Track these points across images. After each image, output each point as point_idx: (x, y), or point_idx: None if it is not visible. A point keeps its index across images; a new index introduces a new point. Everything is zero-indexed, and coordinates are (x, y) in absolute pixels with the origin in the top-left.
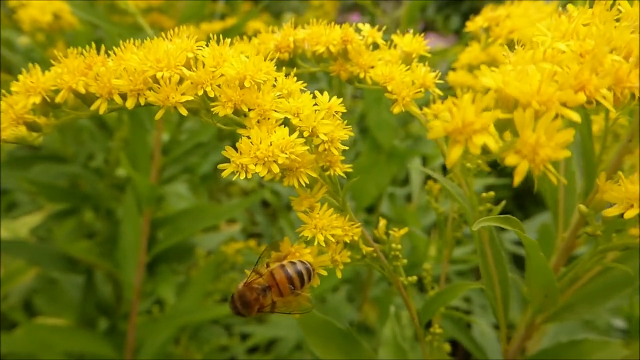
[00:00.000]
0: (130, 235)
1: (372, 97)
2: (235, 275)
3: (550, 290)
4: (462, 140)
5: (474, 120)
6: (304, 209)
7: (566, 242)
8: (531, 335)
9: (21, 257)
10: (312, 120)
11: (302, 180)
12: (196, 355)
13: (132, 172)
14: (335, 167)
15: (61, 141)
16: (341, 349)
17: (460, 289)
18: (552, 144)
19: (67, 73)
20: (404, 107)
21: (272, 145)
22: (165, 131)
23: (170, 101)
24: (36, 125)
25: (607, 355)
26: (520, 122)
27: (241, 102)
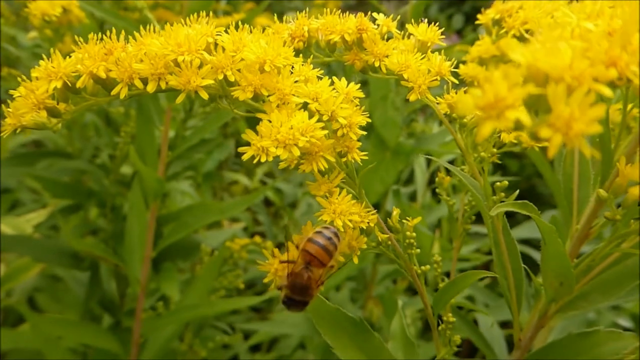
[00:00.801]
0: (137, 230)
1: (378, 95)
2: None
3: (566, 278)
4: (495, 115)
5: (507, 95)
6: (323, 194)
7: (579, 232)
8: (544, 324)
9: (25, 253)
10: (331, 105)
11: (320, 165)
12: (201, 352)
13: (140, 165)
14: (352, 153)
15: (67, 137)
16: (352, 338)
17: (472, 277)
18: (586, 119)
19: (88, 58)
20: (420, 95)
21: (293, 128)
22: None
23: (192, 85)
24: (56, 111)
25: (619, 346)
26: (553, 96)
27: (261, 87)
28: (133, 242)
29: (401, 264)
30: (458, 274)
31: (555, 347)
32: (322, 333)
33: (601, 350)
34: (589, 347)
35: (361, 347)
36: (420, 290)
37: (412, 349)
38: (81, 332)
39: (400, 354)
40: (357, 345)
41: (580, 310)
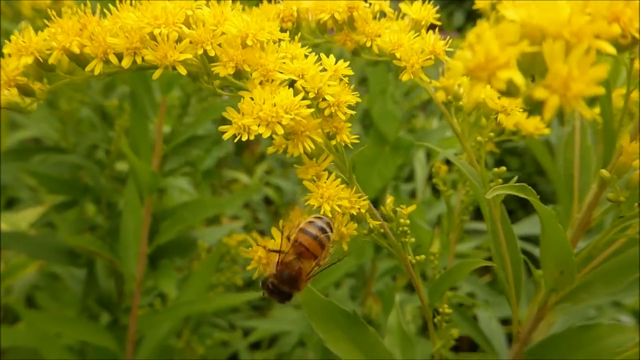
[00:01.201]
0: (132, 226)
1: (376, 89)
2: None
3: (567, 266)
4: (485, 77)
5: (498, 54)
6: (310, 177)
7: (580, 220)
8: (543, 316)
9: (22, 250)
10: (318, 82)
11: (307, 146)
12: (198, 349)
13: (133, 159)
14: (342, 134)
15: (61, 131)
16: (346, 332)
17: (468, 266)
18: (586, 79)
19: (60, 33)
20: (413, 75)
21: (276, 105)
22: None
23: (169, 59)
24: (29, 90)
25: (621, 339)
26: (550, 54)
27: (243, 62)
28: (128, 238)
29: (394, 252)
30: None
31: (556, 340)
32: (314, 326)
33: (603, 343)
34: (590, 340)
35: (355, 340)
36: (415, 282)
37: (409, 343)
38: (78, 329)
39: (397, 349)
40: (351, 339)
41: (581, 302)
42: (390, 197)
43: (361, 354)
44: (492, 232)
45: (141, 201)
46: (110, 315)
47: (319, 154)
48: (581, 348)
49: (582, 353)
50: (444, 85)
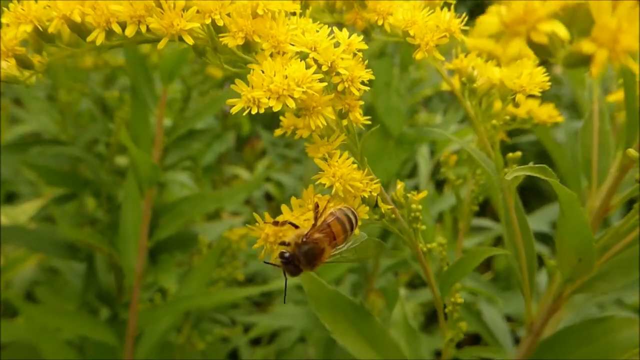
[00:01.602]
0: (131, 219)
1: (381, 82)
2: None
3: (586, 253)
4: (524, 30)
5: (539, 7)
6: (321, 155)
7: (599, 207)
8: (559, 307)
9: (21, 243)
10: (331, 54)
11: (319, 122)
12: (199, 344)
13: (133, 149)
14: (355, 112)
15: (61, 123)
16: (352, 323)
17: (481, 255)
18: (635, 31)
19: (61, 1)
20: (427, 52)
21: (288, 78)
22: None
23: (175, 28)
24: (28, 61)
25: (633, 333)
26: (596, 6)
27: (253, 33)
28: (128, 231)
29: (405, 239)
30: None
31: (568, 333)
32: (320, 317)
33: (615, 336)
34: (602, 333)
35: (361, 331)
36: (425, 270)
37: (414, 337)
38: (77, 323)
39: (402, 342)
40: (357, 330)
41: (597, 291)
42: (400, 183)
43: (368, 345)
44: (505, 221)
45: (141, 194)
46: (110, 310)
47: (329, 135)
48: (593, 341)
49: (594, 346)
50: (457, 67)
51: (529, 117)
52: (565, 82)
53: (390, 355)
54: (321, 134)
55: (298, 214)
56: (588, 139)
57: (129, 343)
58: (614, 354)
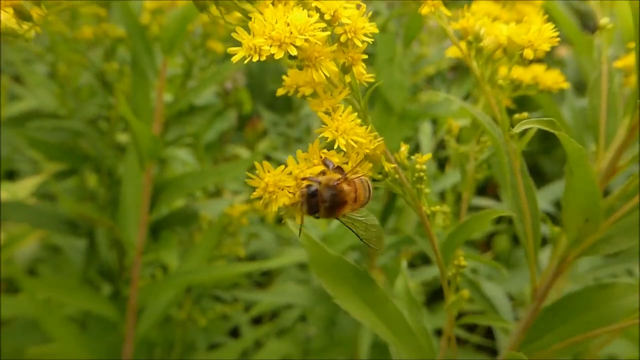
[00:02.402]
0: (132, 193)
1: (384, 57)
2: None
3: (593, 212)
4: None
5: None
6: (324, 109)
7: (606, 168)
8: (563, 270)
9: (22, 219)
10: (334, 3)
11: (321, 73)
12: (200, 320)
13: (134, 121)
14: (357, 66)
15: (60, 97)
16: (355, 289)
17: (487, 216)
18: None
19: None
20: (434, 6)
21: (290, 25)
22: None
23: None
24: (26, 13)
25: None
26: None
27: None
28: (128, 206)
29: (409, 200)
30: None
31: (572, 299)
32: (323, 283)
33: (619, 302)
34: (606, 299)
35: (364, 297)
36: (429, 233)
37: (417, 308)
38: (78, 298)
39: (404, 312)
40: (360, 296)
41: (602, 253)
42: (404, 145)
43: (370, 311)
44: (511, 185)
45: (142, 167)
46: (111, 287)
47: (332, 92)
48: (597, 307)
49: (597, 312)
50: (463, 26)
51: (535, 83)
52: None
53: (392, 320)
54: (324, 90)
55: (304, 168)
56: (596, 100)
57: (131, 318)
58: (617, 319)
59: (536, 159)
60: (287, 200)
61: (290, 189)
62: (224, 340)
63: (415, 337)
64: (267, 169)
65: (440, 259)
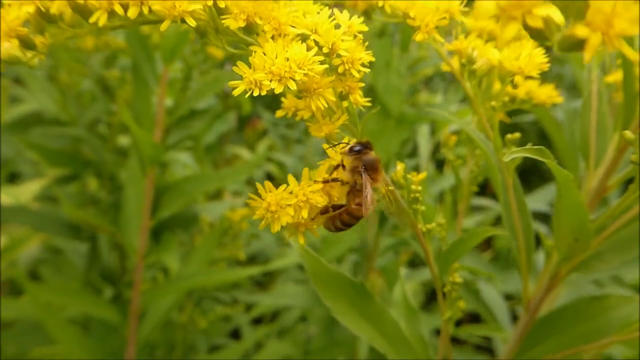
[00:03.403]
0: (133, 198)
1: (381, 62)
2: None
3: (582, 232)
4: (519, 15)
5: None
6: (324, 135)
7: (596, 187)
8: (555, 285)
9: (24, 223)
10: (332, 36)
11: (320, 104)
12: (201, 323)
13: (135, 129)
14: (355, 94)
15: (61, 103)
16: (353, 303)
17: (479, 235)
18: (630, 16)
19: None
20: (427, 34)
21: (289, 60)
22: (170, 97)
23: (177, 10)
24: (30, 42)
25: (629, 311)
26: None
27: (254, 15)
28: (130, 211)
29: (405, 219)
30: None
31: (565, 311)
32: (321, 296)
33: (612, 314)
34: (599, 311)
35: (361, 311)
36: (425, 250)
37: (414, 316)
38: (81, 302)
39: (402, 321)
40: (358, 310)
41: (594, 271)
42: (400, 164)
43: (367, 324)
44: (504, 201)
45: (143, 173)
46: (113, 290)
47: (330, 116)
48: (590, 319)
49: (591, 324)
50: (457, 48)
51: (529, 98)
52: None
53: (390, 334)
54: (322, 114)
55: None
56: (586, 120)
57: (133, 321)
58: (610, 331)
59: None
60: (289, 219)
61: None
62: (225, 342)
63: (412, 347)
64: (269, 188)
65: (436, 275)
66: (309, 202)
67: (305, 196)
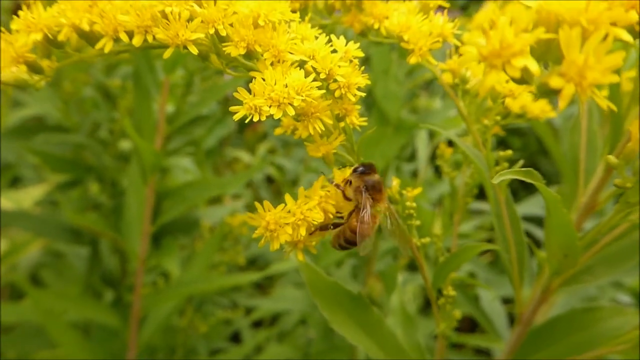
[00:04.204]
0: (134, 204)
1: (379, 69)
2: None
3: (571, 249)
4: (500, 64)
5: (513, 41)
6: (321, 155)
7: (585, 204)
8: (546, 299)
9: (26, 227)
10: (329, 62)
11: (317, 127)
12: (201, 327)
13: (137, 138)
14: (351, 116)
15: (64, 110)
16: (350, 313)
17: (472, 250)
18: (601, 67)
19: (70, 9)
20: (420, 57)
21: (288, 86)
22: (171, 103)
23: (180, 38)
24: (37, 67)
25: (621, 322)
26: (566, 41)
27: (254, 42)
28: (131, 217)
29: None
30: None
31: (558, 322)
32: (319, 305)
33: (604, 325)
34: (592, 322)
35: (358, 321)
36: (420, 264)
37: (411, 324)
38: (82, 307)
39: (399, 329)
40: (354, 320)
41: (584, 284)
42: (396, 180)
43: (364, 335)
44: (496, 215)
45: (144, 180)
46: (114, 293)
47: (327, 135)
48: (583, 330)
49: (583, 335)
50: (450, 67)
51: (523, 112)
52: None
53: (386, 344)
54: (320, 134)
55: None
56: (576, 138)
57: (134, 326)
58: (603, 342)
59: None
60: (287, 237)
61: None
62: (226, 346)
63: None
64: (268, 207)
65: (431, 290)
66: (306, 220)
67: (303, 214)
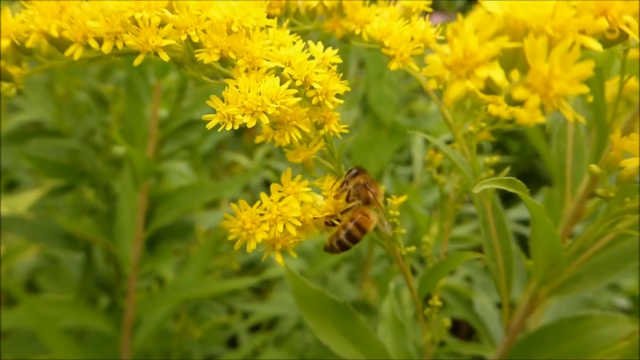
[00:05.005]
0: (127, 210)
1: (373, 73)
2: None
3: (556, 259)
4: (464, 74)
5: (477, 50)
6: (301, 161)
7: (572, 211)
8: (534, 308)
9: (21, 233)
10: (305, 69)
11: (294, 136)
12: (195, 332)
13: (127, 146)
14: (330, 124)
15: (58, 115)
16: (336, 322)
17: (459, 259)
18: (568, 77)
19: (39, 15)
20: (402, 63)
21: (262, 94)
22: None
23: (150, 45)
24: (7, 74)
25: (613, 330)
26: (531, 50)
27: (228, 49)
28: (124, 223)
29: (384, 244)
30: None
31: (548, 330)
32: (304, 316)
33: (595, 333)
34: (582, 330)
35: (345, 331)
36: (404, 273)
37: (402, 331)
38: (76, 313)
39: (390, 337)
40: (341, 329)
41: (573, 293)
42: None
43: (350, 344)
44: (483, 223)
45: (136, 187)
46: (109, 298)
47: (308, 142)
48: (573, 338)
49: (574, 343)
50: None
51: (512, 118)
52: None
53: (374, 355)
54: (300, 140)
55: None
56: (563, 144)
57: (126, 331)
58: (593, 351)
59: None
60: (265, 235)
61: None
62: (221, 350)
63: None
64: (244, 207)
65: (417, 299)
66: (283, 217)
67: (279, 211)
